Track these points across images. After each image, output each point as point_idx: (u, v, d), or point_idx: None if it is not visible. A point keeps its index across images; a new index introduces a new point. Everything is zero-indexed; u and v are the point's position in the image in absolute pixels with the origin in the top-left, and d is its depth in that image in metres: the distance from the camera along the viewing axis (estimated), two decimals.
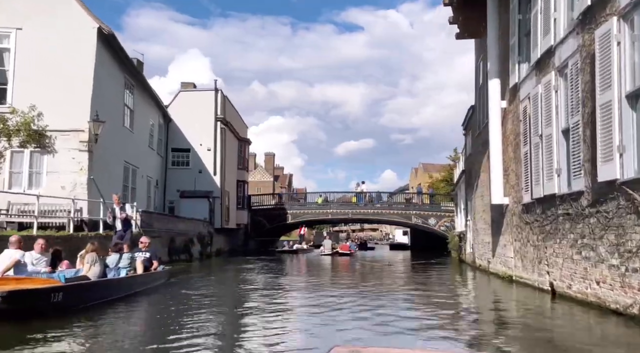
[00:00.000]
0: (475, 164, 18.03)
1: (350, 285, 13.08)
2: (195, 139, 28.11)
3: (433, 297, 10.67)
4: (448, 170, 54.87)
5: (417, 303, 9.88)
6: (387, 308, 8.67)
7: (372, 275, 17.66)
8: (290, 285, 13.38)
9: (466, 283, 14.67)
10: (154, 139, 25.66)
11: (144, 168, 23.72)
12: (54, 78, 16.47)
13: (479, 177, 17.08)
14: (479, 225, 17.22)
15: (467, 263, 20.67)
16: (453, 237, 29.66)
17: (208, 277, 16.41)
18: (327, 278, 16.21)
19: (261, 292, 11.36)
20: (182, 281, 13.68)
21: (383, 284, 13.72)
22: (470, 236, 20.65)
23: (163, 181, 27.63)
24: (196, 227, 24.75)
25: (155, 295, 10.20)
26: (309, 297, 10.69)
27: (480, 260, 17.19)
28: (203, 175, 28.04)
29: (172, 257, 20.79)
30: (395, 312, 8.18)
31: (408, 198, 39.79)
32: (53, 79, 16.46)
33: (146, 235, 18.94)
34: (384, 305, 9.10)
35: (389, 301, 9.85)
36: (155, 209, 26.09)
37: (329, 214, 37.20)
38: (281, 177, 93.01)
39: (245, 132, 35.89)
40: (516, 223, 12.01)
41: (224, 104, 29.30)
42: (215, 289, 12.39)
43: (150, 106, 24.92)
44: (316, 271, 19.77)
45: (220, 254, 29.62)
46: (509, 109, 12.61)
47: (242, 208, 34.17)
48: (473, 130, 18.92)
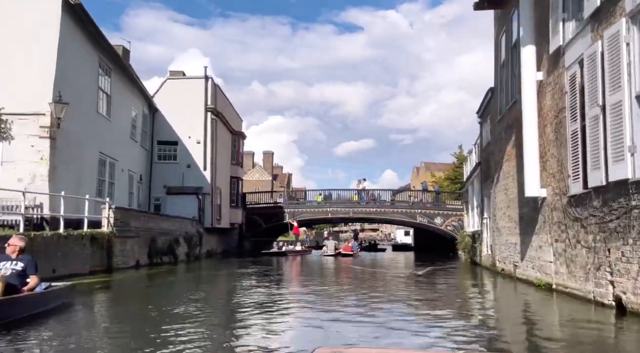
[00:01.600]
0: (496, 154, 15.81)
1: (361, 303, 10.85)
2: (184, 131, 25.88)
3: (462, 311, 8.46)
4: (452, 169, 52.87)
5: (444, 322, 7.64)
6: (407, 331, 6.46)
7: (382, 284, 15.42)
8: (281, 304, 9.40)
9: (492, 292, 12.39)
10: (137, 130, 23.44)
11: (125, 161, 21.51)
12: (9, 52, 14.27)
13: (501, 168, 14.86)
14: (501, 224, 15.00)
15: (484, 266, 18.44)
16: (463, 237, 27.44)
17: (162, 288, 13.98)
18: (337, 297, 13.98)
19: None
20: (103, 301, 9.87)
21: (395, 296, 11.48)
22: (486, 236, 18.43)
23: (148, 176, 25.40)
24: (183, 226, 22.53)
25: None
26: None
27: (502, 263, 14.96)
28: (192, 170, 25.80)
29: (153, 260, 18.59)
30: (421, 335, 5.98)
31: (411, 197, 37.45)
32: (9, 53, 14.26)
33: (122, 235, 16.85)
34: (404, 328, 6.88)
35: (405, 320, 7.62)
36: (139, 206, 23.90)
37: (328, 213, 34.96)
38: (280, 176, 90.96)
39: (239, 125, 33.67)
40: (558, 220, 9.79)
41: (215, 93, 27.07)
42: (130, 325, 7.13)
43: (133, 94, 22.71)
44: (318, 279, 16.31)
45: (211, 255, 27.40)
46: (547, 81, 10.39)
47: (236, 207, 31.95)
48: (492, 116, 16.70)
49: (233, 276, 16.18)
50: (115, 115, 19.98)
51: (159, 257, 19.14)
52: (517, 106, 12.70)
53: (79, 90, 16.38)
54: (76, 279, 12.62)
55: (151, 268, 17.69)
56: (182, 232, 22.22)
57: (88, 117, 17.30)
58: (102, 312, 8.67)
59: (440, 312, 8.36)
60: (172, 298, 10.11)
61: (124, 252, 16.31)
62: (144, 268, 17.43)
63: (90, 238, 13.91)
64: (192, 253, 22.98)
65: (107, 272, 14.82)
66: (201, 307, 8.75)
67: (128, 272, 15.76)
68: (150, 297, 10.48)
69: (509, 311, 9.09)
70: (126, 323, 7.24)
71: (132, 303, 9.76)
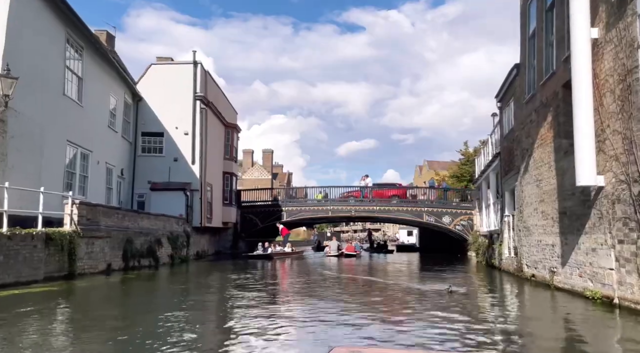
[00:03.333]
0: (523, 140, 13.57)
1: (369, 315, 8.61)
2: (170, 121, 23.64)
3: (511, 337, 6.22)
4: (458, 166, 50.74)
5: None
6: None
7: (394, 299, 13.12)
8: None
9: (533, 306, 10.09)
10: (117, 119, 21.20)
11: (101, 153, 19.28)
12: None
13: (531, 156, 12.62)
14: (531, 221, 12.75)
15: (504, 270, 16.19)
16: (476, 237, 25.21)
17: (126, 299, 11.79)
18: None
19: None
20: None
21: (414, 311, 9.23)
22: (507, 236, 16.18)
23: (131, 170, 23.17)
24: (167, 225, 20.29)
25: None
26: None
27: (533, 268, 12.70)
28: (179, 164, 23.56)
29: (130, 263, 16.36)
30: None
31: (418, 195, 35.10)
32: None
33: (89, 234, 14.63)
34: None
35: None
36: (120, 203, 21.69)
37: (328, 211, 32.68)
38: (280, 175, 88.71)
39: (234, 118, 31.41)
40: (624, 216, 7.56)
41: (205, 81, 24.83)
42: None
43: (112, 79, 20.47)
44: (320, 294, 11.84)
45: (202, 257, 25.19)
46: (607, 39, 8.15)
47: (229, 205, 29.71)
48: (517, 97, 14.45)
49: (215, 283, 13.97)
50: (88, 101, 17.75)
51: (137, 259, 16.91)
52: (556, 78, 10.49)
53: (38, 67, 14.15)
54: (22, 288, 10.50)
55: (126, 273, 15.47)
56: (166, 231, 19.97)
57: (52, 99, 15.07)
58: (21, 331, 6.44)
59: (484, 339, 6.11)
60: (126, 314, 7.89)
61: (92, 254, 14.09)
62: (117, 273, 15.21)
63: (44, 239, 11.67)
64: (177, 255, 20.73)
65: (68, 278, 12.61)
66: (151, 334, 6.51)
67: (95, 278, 13.54)
68: (96, 312, 8.25)
69: (569, 334, 6.84)
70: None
71: (70, 320, 7.54)
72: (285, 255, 26.84)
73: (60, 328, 7.10)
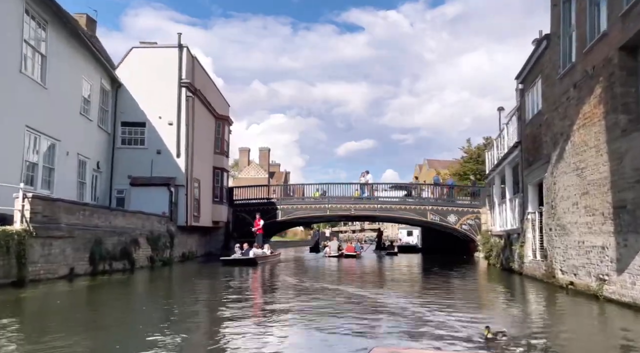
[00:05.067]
0: (556, 123, 11.52)
1: None
2: (153, 110, 21.51)
3: None
4: (460, 163, 48.94)
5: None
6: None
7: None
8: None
9: (596, 327, 7.96)
10: (92, 106, 19.09)
11: (72, 142, 17.19)
12: None
13: (570, 139, 10.56)
14: (568, 219, 10.69)
15: (528, 276, 14.13)
16: (487, 238, 23.15)
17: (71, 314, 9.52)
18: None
19: None
20: None
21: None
22: (532, 236, 14.13)
23: (109, 164, 21.05)
24: (146, 224, 18.19)
25: None
26: None
27: (570, 274, 10.65)
28: (163, 158, 21.43)
29: (98, 267, 14.25)
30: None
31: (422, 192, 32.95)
32: None
33: (46, 234, 12.56)
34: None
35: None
36: (96, 200, 19.63)
37: (326, 210, 30.57)
38: (277, 173, 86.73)
39: (225, 110, 29.30)
40: None
41: (192, 67, 22.74)
42: None
43: (86, 61, 18.37)
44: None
45: (189, 259, 23.11)
46: None
47: (220, 203, 27.59)
48: (547, 74, 12.38)
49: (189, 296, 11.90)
50: (54, 83, 15.65)
51: (108, 262, 14.80)
52: (608, 41, 8.45)
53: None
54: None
55: (93, 279, 13.40)
56: (145, 231, 17.87)
57: (4, 76, 12.99)
58: None
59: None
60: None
61: (49, 257, 12.00)
62: (83, 278, 13.13)
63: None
64: (158, 257, 18.62)
65: (17, 285, 10.55)
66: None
67: (53, 285, 11.45)
68: (21, 329, 6.16)
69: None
70: None
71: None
72: (267, 259, 22.29)
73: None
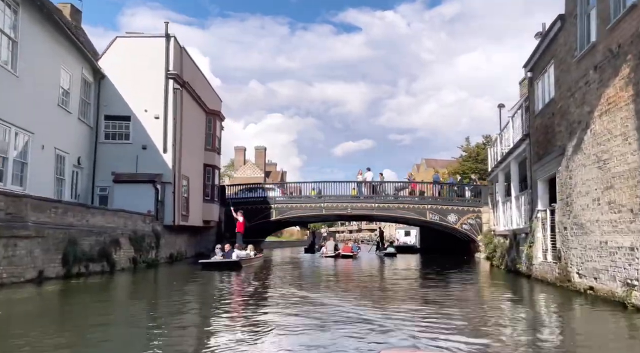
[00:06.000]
0: (573, 111, 10.44)
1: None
2: (139, 103, 20.35)
3: None
4: (459, 162, 48.11)
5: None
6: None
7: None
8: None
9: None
10: (71, 98, 17.95)
11: (48, 136, 16.06)
12: None
13: (589, 128, 9.49)
14: (588, 216, 9.61)
15: (538, 279, 13.04)
16: (490, 238, 22.11)
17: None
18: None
19: None
20: None
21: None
22: (542, 235, 13.04)
23: (91, 159, 19.89)
24: (128, 223, 17.05)
25: None
26: None
27: (590, 278, 9.56)
28: (148, 153, 20.27)
29: (72, 269, 13.11)
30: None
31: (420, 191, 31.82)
32: None
33: (10, 233, 11.43)
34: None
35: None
36: (77, 198, 18.50)
37: (322, 209, 29.47)
38: (273, 173, 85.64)
39: (217, 105, 28.16)
40: None
41: (180, 58, 21.61)
42: None
43: (64, 49, 17.23)
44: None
45: (177, 260, 21.97)
46: None
47: (211, 201, 26.45)
48: (561, 58, 11.29)
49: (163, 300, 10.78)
50: (27, 71, 14.51)
51: (84, 265, 13.66)
52: (637, 14, 7.38)
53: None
54: None
55: (67, 282, 12.28)
56: (127, 230, 16.73)
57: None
58: None
59: None
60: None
61: (14, 259, 10.87)
62: (54, 281, 12.00)
63: None
64: (142, 258, 17.48)
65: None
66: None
67: (17, 290, 10.33)
68: None
69: None
70: None
71: None
72: (251, 262, 19.88)
73: None
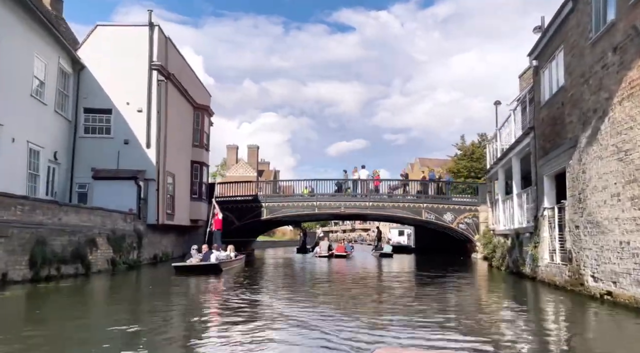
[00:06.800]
0: (587, 99, 9.52)
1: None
2: (121, 96, 19.28)
3: None
4: (454, 161, 47.25)
5: None
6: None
7: None
8: None
9: None
10: (47, 88, 16.87)
11: (20, 128, 15.01)
12: None
13: (607, 116, 8.58)
14: (605, 213, 8.69)
15: (545, 282, 12.13)
16: (489, 237, 21.21)
17: None
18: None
19: None
20: None
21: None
22: (550, 235, 12.14)
23: (69, 154, 18.81)
24: (107, 222, 15.99)
25: None
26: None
27: (608, 282, 8.63)
28: (131, 148, 19.22)
29: (41, 272, 12.03)
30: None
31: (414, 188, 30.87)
32: None
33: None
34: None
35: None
36: (53, 195, 17.44)
37: (315, 208, 28.50)
38: (266, 172, 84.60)
39: (206, 99, 27.13)
40: None
41: (165, 48, 20.56)
42: None
43: (38, 37, 16.16)
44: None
45: (162, 261, 20.88)
46: None
47: (199, 199, 25.43)
48: (573, 43, 10.38)
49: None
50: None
51: (54, 267, 12.59)
52: None
53: None
54: None
55: (34, 286, 11.24)
56: (106, 229, 15.68)
57: None
58: None
59: None
60: None
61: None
62: (20, 285, 10.97)
63: None
64: (122, 259, 16.43)
65: None
66: None
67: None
68: None
69: None
70: None
71: None
72: (232, 264, 17.73)
73: None
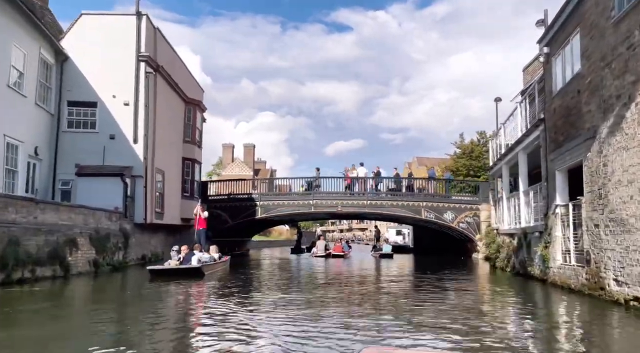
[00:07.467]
0: (607, 85, 8.65)
1: None
2: (106, 88, 18.32)
3: None
4: (453, 159, 46.48)
5: None
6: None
7: None
8: None
9: None
10: (26, 80, 15.92)
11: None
12: None
13: (633, 102, 7.71)
14: (629, 211, 7.80)
15: (558, 285, 11.25)
16: (493, 237, 20.35)
17: None
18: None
19: None
20: None
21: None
22: (563, 234, 11.27)
23: (52, 150, 17.85)
24: (89, 220, 15.05)
25: None
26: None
27: (634, 287, 7.75)
28: (117, 143, 18.26)
29: (13, 275, 11.10)
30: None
31: (420, 187, 29.99)
32: None
33: None
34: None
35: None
36: (34, 192, 16.47)
37: (311, 206, 27.60)
38: (262, 171, 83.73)
39: (198, 94, 26.19)
40: None
41: (154, 39, 19.63)
42: None
43: (17, 24, 15.21)
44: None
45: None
46: None
47: (190, 198, 24.47)
48: (591, 24, 9.51)
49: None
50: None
51: (28, 269, 11.65)
52: None
53: None
54: None
55: (6, 290, 10.31)
56: (88, 228, 14.74)
57: None
58: None
59: None
60: None
61: None
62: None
63: None
64: (106, 260, 15.50)
65: None
66: None
67: None
68: None
69: None
70: None
71: None
72: (215, 267, 15.53)
73: None
